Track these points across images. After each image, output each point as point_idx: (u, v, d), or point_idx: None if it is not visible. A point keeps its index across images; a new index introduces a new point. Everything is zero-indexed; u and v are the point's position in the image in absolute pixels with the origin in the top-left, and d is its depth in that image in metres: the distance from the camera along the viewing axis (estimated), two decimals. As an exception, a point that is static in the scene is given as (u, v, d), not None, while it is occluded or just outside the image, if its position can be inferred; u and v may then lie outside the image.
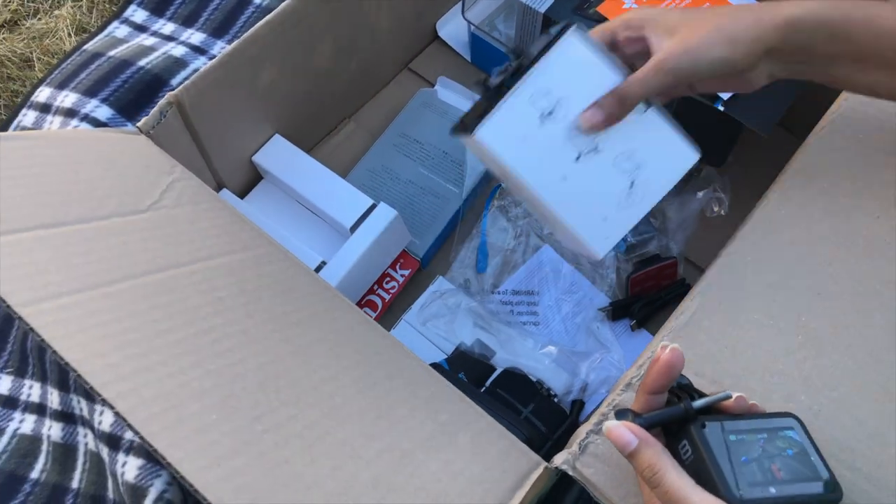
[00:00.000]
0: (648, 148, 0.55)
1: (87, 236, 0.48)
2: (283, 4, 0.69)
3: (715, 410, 0.43)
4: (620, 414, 0.43)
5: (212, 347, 0.44)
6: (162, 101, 0.64)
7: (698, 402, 0.42)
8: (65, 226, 0.48)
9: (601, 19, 0.76)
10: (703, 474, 0.40)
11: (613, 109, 0.51)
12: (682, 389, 0.44)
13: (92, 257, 0.46)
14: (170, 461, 0.36)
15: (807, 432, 0.43)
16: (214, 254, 0.52)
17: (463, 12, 0.86)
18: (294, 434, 0.42)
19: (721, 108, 0.71)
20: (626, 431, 0.41)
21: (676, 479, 0.39)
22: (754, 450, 0.41)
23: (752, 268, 0.55)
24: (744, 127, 0.71)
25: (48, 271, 0.44)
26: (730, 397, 0.43)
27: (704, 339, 0.53)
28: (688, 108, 0.73)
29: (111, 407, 0.37)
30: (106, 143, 0.58)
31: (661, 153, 0.56)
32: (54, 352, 0.39)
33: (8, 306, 0.40)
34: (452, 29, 0.92)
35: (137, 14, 0.96)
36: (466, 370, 0.70)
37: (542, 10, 0.77)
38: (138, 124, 0.62)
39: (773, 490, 0.39)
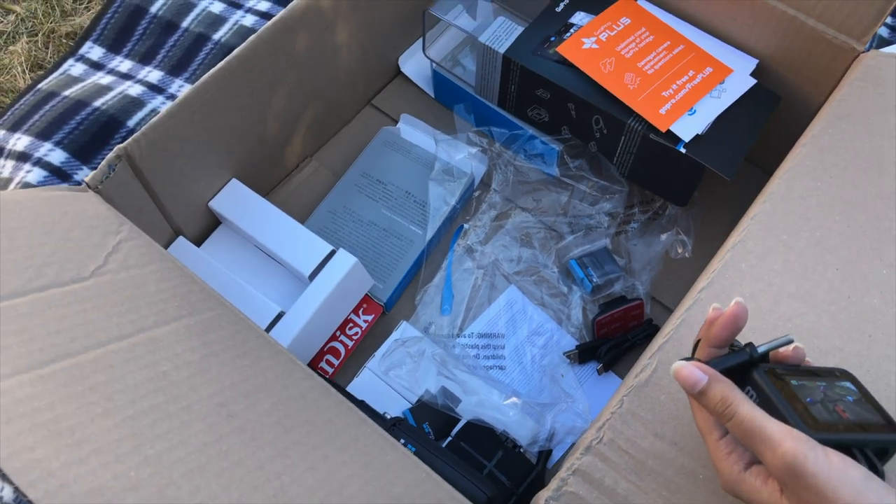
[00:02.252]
0: None
1: (22, 312, 0.46)
2: (238, 49, 0.68)
3: (773, 361, 0.44)
4: (686, 360, 0.43)
5: (152, 430, 0.43)
6: (110, 155, 0.62)
7: (762, 347, 0.43)
8: (-1, 301, 0.46)
9: (562, 59, 0.75)
10: (773, 411, 0.40)
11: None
12: (735, 349, 0.45)
13: (25, 336, 0.44)
14: (98, 568, 0.35)
15: (861, 384, 0.44)
16: (160, 321, 0.51)
17: (424, 50, 0.85)
18: (236, 523, 0.40)
19: (683, 151, 0.70)
20: (696, 370, 0.42)
21: (751, 409, 0.40)
22: (817, 393, 0.41)
23: (713, 322, 0.54)
24: (705, 168, 0.71)
25: (-23, 354, 0.42)
26: (791, 342, 0.44)
27: (664, 398, 0.52)
28: (648, 149, 0.73)
29: (37, 509, 0.36)
30: (48, 204, 0.56)
31: None
32: (-22, 449, 0.37)
33: (-70, 400, 0.38)
34: (415, 64, 0.91)
35: (94, 51, 0.94)
36: (430, 421, 0.69)
37: (502, 51, 0.76)
38: (86, 179, 0.61)
39: (841, 426, 0.40)
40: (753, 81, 0.74)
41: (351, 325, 0.76)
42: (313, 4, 0.73)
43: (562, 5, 0.80)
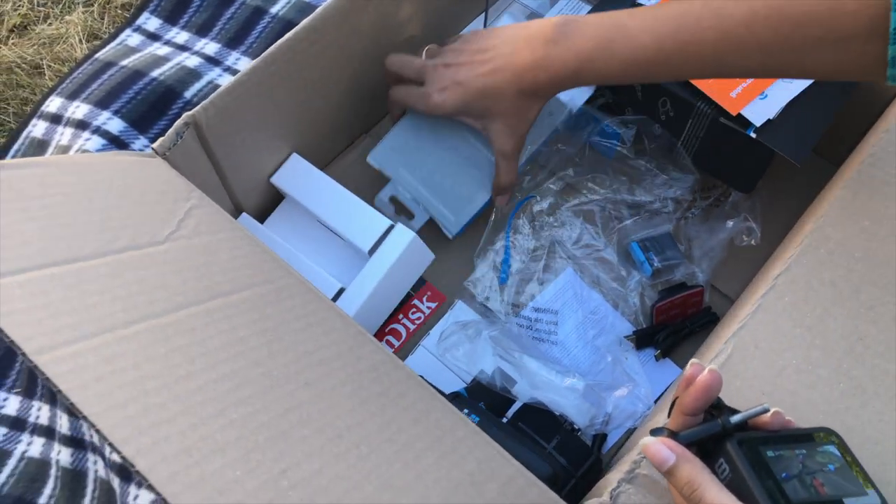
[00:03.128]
0: None
1: (102, 273, 0.46)
2: (303, 21, 0.67)
3: (751, 427, 0.42)
4: (656, 431, 0.42)
5: (234, 394, 0.42)
6: (178, 122, 0.61)
7: (735, 418, 0.41)
8: (79, 262, 0.46)
9: None
10: (744, 492, 0.38)
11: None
12: (716, 408, 0.43)
13: (107, 296, 0.44)
14: (193, 527, 0.34)
15: (846, 447, 0.42)
16: (235, 288, 0.50)
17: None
18: (320, 489, 0.40)
19: (753, 136, 0.69)
20: (662, 447, 0.40)
21: (717, 494, 0.38)
22: (794, 466, 0.40)
23: (790, 309, 0.53)
24: (775, 154, 0.69)
25: (61, 313, 0.42)
26: (767, 411, 0.42)
27: (740, 384, 0.51)
28: (716, 133, 0.71)
29: (132, 466, 0.35)
30: (120, 168, 0.56)
31: None
32: (72, 405, 0.37)
33: (23, 354, 0.38)
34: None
35: (150, 22, 0.94)
36: (485, 401, 0.68)
37: None
38: (154, 146, 0.60)
39: None
40: None
41: (414, 310, 0.76)
42: (380, -23, 0.72)
43: (631, -17, 0.79)
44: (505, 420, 0.67)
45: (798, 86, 0.71)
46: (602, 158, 0.81)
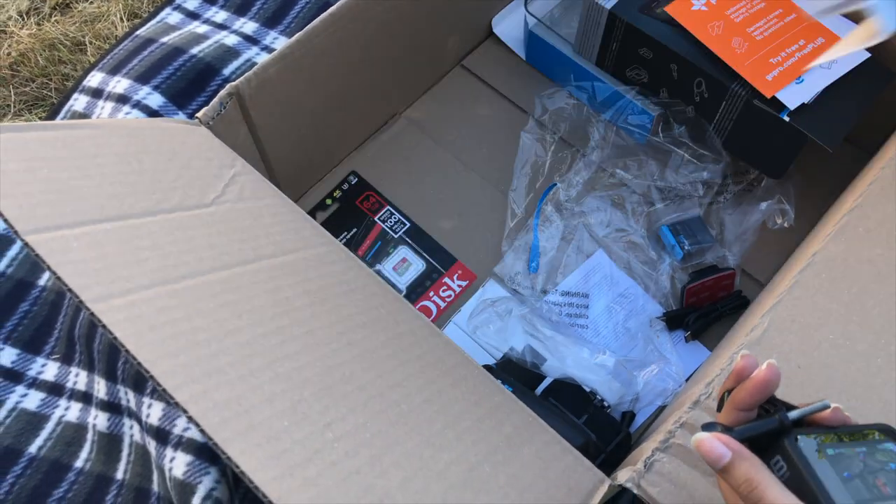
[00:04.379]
0: None
1: (153, 230, 0.47)
2: (345, -2, 0.68)
3: (808, 424, 0.40)
4: (708, 427, 0.40)
5: (280, 349, 0.43)
6: (222, 93, 0.63)
7: (793, 414, 0.39)
8: (131, 218, 0.47)
9: (669, 19, 0.74)
10: (805, 492, 0.36)
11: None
12: (769, 402, 0.41)
13: (158, 252, 0.45)
14: (244, 470, 0.35)
15: None
16: (278, 251, 0.51)
17: (526, 5, 0.84)
18: (364, 443, 0.41)
19: (787, 119, 0.69)
20: (718, 444, 0.38)
21: (779, 493, 0.36)
22: (856, 464, 0.37)
23: (827, 285, 0.54)
24: (807, 139, 0.69)
25: (116, 266, 0.43)
26: (828, 407, 0.39)
27: (776, 357, 0.51)
28: (749, 115, 0.71)
29: (184, 411, 0.36)
30: (168, 134, 0.57)
31: None
32: (126, 351, 0.38)
33: (80, 301, 0.39)
34: (507, 26, 0.91)
35: (190, 1, 0.96)
36: (515, 377, 0.69)
37: (609, 6, 0.75)
38: (198, 115, 0.61)
39: None
40: (867, 55, 0.72)
41: (445, 287, 0.77)
42: (420, -44, 0.73)
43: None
44: (536, 395, 0.67)
45: (835, 71, 0.71)
46: (630, 143, 0.81)
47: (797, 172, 0.79)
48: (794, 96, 0.70)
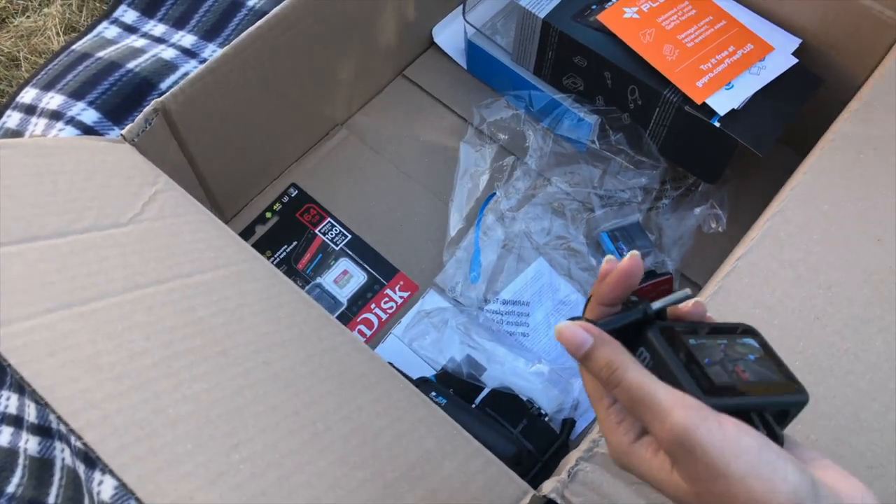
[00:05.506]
0: None
1: (63, 252, 0.46)
2: (276, 9, 0.67)
3: (671, 319, 0.41)
4: (571, 319, 0.38)
5: (189, 371, 0.43)
6: (147, 109, 0.62)
7: (656, 304, 0.39)
8: (39, 240, 0.46)
9: (602, 27, 0.74)
10: (666, 376, 0.36)
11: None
12: (633, 302, 0.40)
13: (66, 274, 0.44)
14: (139, 496, 0.35)
15: (765, 340, 0.41)
16: (196, 270, 0.51)
17: (464, 14, 0.84)
18: (272, 463, 0.40)
19: (717, 125, 0.69)
20: (580, 330, 0.37)
21: (638, 374, 0.35)
22: (716, 353, 0.38)
23: (749, 290, 0.54)
24: (738, 144, 0.70)
25: (19, 290, 0.42)
26: (689, 297, 0.39)
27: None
28: (682, 121, 0.72)
29: (79, 437, 0.36)
30: (87, 152, 0.56)
31: None
32: (21, 378, 0.37)
33: (-25, 328, 0.38)
34: (449, 36, 0.91)
35: (128, 14, 0.94)
36: (454, 389, 0.69)
37: (542, 16, 0.76)
38: (122, 132, 0.61)
39: (739, 389, 0.36)
40: (795, 60, 0.73)
41: (387, 299, 0.76)
42: (351, -33, 0.73)
43: (605, -28, 0.79)
44: (474, 406, 0.67)
45: (764, 77, 0.72)
46: (569, 151, 0.82)
47: (734, 177, 0.80)
48: (723, 102, 0.70)
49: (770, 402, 0.37)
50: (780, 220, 0.57)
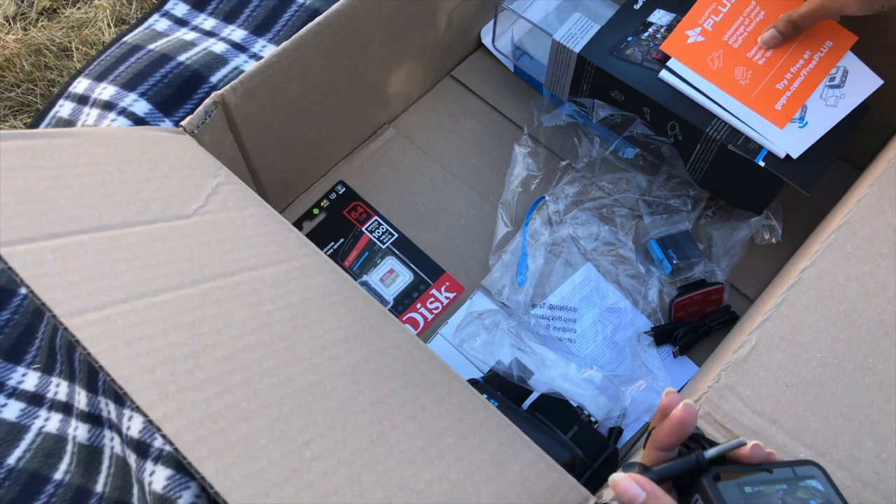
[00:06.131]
0: None
1: (132, 242, 0.46)
2: (335, 6, 0.67)
3: (729, 461, 0.40)
4: (628, 466, 0.40)
5: (259, 365, 0.42)
6: (207, 101, 0.62)
7: (710, 452, 0.39)
8: (109, 230, 0.46)
9: (640, 62, 0.73)
10: None
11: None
12: (693, 440, 0.41)
13: (137, 264, 0.44)
14: (217, 490, 0.34)
15: (831, 481, 0.39)
16: (261, 264, 0.50)
17: (493, 41, 0.84)
18: (343, 461, 0.40)
19: (762, 164, 0.68)
20: (632, 484, 0.38)
21: None
22: (773, 501, 0.37)
23: (815, 303, 0.53)
24: (783, 182, 0.68)
25: (92, 278, 0.42)
26: (744, 444, 0.39)
27: (764, 375, 0.51)
28: (725, 158, 0.70)
29: (158, 429, 0.35)
30: (150, 142, 0.56)
31: None
32: (100, 367, 0.37)
33: (53, 316, 0.38)
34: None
35: (178, 7, 0.95)
36: (502, 391, 0.68)
37: (577, 50, 0.74)
38: (182, 123, 0.61)
39: None
40: (880, 82, 0.70)
41: (432, 299, 0.76)
42: (409, -33, 0.72)
43: (640, 2, 0.77)
44: (523, 409, 0.67)
45: (843, 109, 0.69)
46: (619, 158, 0.81)
47: (785, 189, 0.79)
48: (795, 142, 0.68)
49: None
50: (846, 233, 0.56)
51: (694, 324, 0.73)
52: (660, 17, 0.76)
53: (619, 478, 0.39)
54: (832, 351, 0.51)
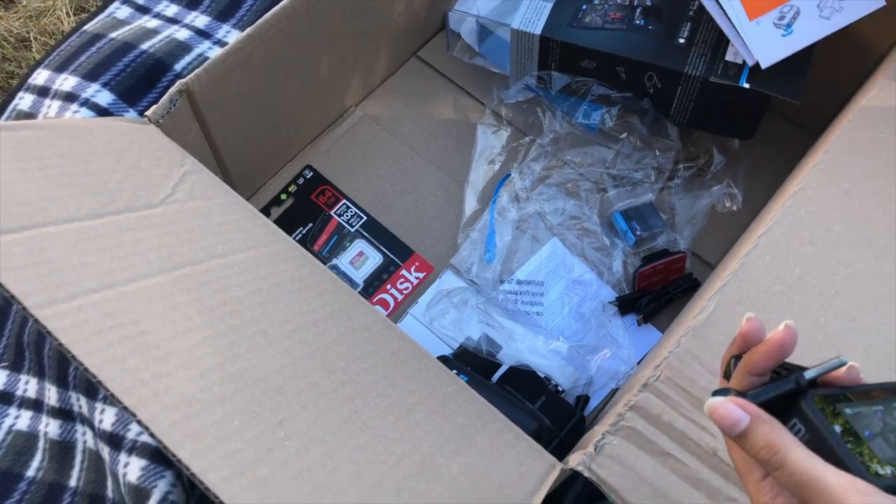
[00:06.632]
0: None
1: (101, 232, 0.46)
2: (294, -9, 0.68)
3: (820, 384, 0.38)
4: (721, 392, 0.37)
5: (231, 349, 0.43)
6: (172, 90, 0.62)
7: (809, 373, 0.37)
8: (76, 221, 0.46)
9: (600, 26, 0.73)
10: (827, 453, 0.34)
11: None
12: (782, 366, 0.39)
13: (106, 255, 0.45)
14: (194, 472, 0.35)
15: None
16: (229, 251, 0.51)
17: (447, 49, 0.85)
18: (316, 439, 0.41)
19: (747, 86, 0.69)
20: (735, 408, 0.35)
21: (804, 457, 0.33)
22: (875, 423, 0.35)
23: (771, 267, 0.55)
24: (771, 99, 0.70)
25: (61, 270, 0.43)
26: (844, 364, 0.37)
27: (722, 339, 0.53)
28: (709, 91, 0.72)
29: (133, 415, 0.36)
30: (116, 133, 0.56)
31: None
32: (73, 357, 0.38)
33: (24, 308, 0.39)
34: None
35: (138, -5, 0.94)
36: (471, 366, 0.70)
37: (538, 32, 0.76)
38: (147, 113, 0.61)
39: None
40: (882, 2, 0.67)
41: (402, 280, 0.77)
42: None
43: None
44: (492, 383, 0.68)
45: (836, 22, 0.67)
46: (583, 131, 0.82)
47: (745, 156, 0.81)
48: (770, 46, 0.67)
49: None
50: (801, 198, 0.58)
51: (657, 292, 0.75)
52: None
53: (717, 402, 0.36)
54: (787, 312, 0.53)
